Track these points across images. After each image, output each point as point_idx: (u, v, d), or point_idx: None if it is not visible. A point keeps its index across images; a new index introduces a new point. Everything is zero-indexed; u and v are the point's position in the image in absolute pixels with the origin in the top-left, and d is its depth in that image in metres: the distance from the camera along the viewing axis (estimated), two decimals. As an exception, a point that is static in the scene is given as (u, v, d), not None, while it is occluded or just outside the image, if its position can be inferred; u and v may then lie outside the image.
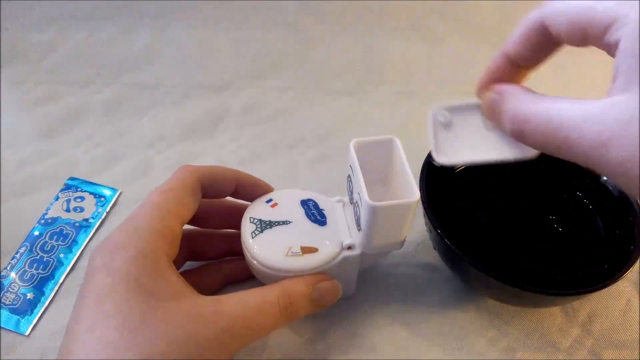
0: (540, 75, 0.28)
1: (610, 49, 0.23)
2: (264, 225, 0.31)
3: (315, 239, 0.31)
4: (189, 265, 0.35)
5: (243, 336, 0.27)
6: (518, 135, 0.24)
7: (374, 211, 0.27)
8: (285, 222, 0.31)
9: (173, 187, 0.29)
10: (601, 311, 0.36)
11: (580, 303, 0.36)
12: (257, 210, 0.32)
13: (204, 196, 0.31)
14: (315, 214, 0.32)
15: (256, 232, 0.31)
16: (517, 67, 0.27)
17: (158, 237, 0.27)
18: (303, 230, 0.31)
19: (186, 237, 0.30)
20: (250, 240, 0.30)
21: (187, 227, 0.32)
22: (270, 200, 0.33)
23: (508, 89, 0.25)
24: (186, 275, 0.33)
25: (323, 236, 0.31)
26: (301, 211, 0.32)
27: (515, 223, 0.38)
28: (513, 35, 0.26)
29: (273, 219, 0.31)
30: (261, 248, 0.30)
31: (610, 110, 0.20)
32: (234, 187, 0.32)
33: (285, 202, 0.32)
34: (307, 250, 0.30)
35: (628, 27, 0.21)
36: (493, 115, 0.26)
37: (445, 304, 0.36)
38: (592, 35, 0.23)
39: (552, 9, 0.24)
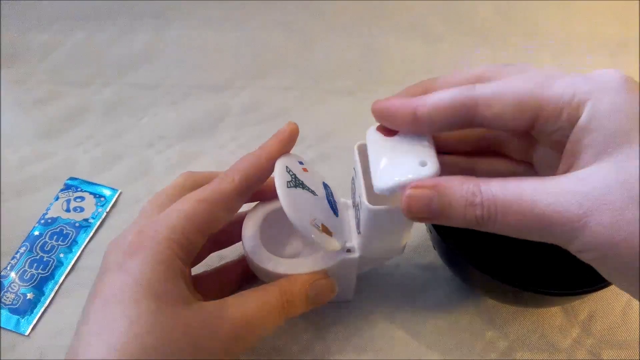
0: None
1: (560, 130, 0.23)
2: (298, 182, 0.29)
3: (331, 224, 0.30)
4: (207, 262, 0.35)
5: (246, 339, 0.27)
6: (482, 222, 0.22)
7: (373, 215, 0.27)
8: (313, 192, 0.30)
9: (210, 198, 0.27)
10: (601, 311, 0.36)
11: (580, 303, 0.36)
12: (292, 164, 0.29)
13: None
14: (332, 201, 0.31)
15: (290, 184, 0.28)
16: (417, 127, 0.25)
17: (176, 246, 0.26)
18: (323, 209, 0.30)
19: None
20: (286, 190, 0.27)
21: None
22: (302, 162, 0.31)
23: (447, 179, 0.23)
24: (204, 277, 0.33)
25: (335, 225, 0.30)
26: (323, 191, 0.31)
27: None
28: (433, 98, 0.24)
29: (305, 181, 0.29)
30: (292, 202, 0.27)
31: (584, 183, 0.21)
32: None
33: (312, 173, 0.31)
34: (325, 230, 0.29)
35: (593, 107, 0.21)
36: (422, 211, 0.23)
37: (445, 304, 0.36)
38: (546, 113, 0.23)
39: (494, 90, 0.24)
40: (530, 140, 0.26)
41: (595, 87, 0.22)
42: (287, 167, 0.29)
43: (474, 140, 0.29)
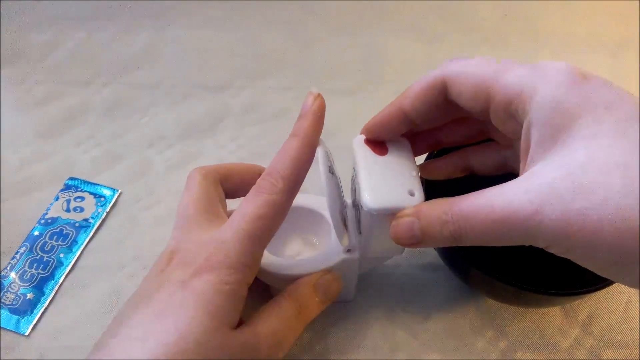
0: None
1: (512, 119, 0.23)
2: (332, 171, 0.28)
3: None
4: None
5: (276, 355, 0.27)
6: (457, 236, 0.23)
7: (374, 215, 0.27)
8: (338, 183, 0.30)
9: (267, 214, 0.26)
10: (601, 311, 0.36)
11: (580, 303, 0.36)
12: (328, 151, 0.29)
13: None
14: (344, 198, 0.31)
15: (330, 170, 0.28)
16: (409, 123, 0.27)
17: (246, 270, 0.26)
18: (343, 202, 0.30)
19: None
20: (329, 175, 0.27)
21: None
22: (330, 152, 0.30)
23: (426, 204, 0.25)
24: None
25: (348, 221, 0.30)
26: (341, 185, 0.31)
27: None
28: (411, 89, 0.27)
29: (335, 173, 0.29)
30: (332, 190, 0.27)
31: (533, 179, 0.21)
32: None
33: (335, 168, 0.31)
34: (344, 223, 0.29)
35: (537, 101, 0.22)
36: (407, 237, 0.25)
37: (445, 304, 0.36)
38: (496, 102, 0.23)
39: (458, 69, 0.25)
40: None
41: (540, 81, 0.22)
42: (326, 152, 0.28)
43: (468, 129, 0.30)
